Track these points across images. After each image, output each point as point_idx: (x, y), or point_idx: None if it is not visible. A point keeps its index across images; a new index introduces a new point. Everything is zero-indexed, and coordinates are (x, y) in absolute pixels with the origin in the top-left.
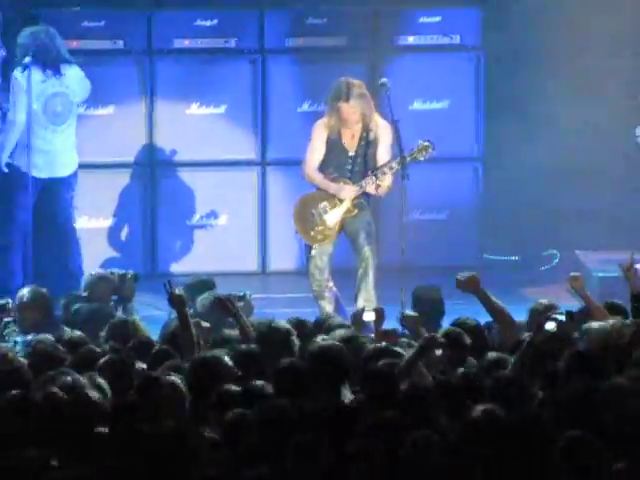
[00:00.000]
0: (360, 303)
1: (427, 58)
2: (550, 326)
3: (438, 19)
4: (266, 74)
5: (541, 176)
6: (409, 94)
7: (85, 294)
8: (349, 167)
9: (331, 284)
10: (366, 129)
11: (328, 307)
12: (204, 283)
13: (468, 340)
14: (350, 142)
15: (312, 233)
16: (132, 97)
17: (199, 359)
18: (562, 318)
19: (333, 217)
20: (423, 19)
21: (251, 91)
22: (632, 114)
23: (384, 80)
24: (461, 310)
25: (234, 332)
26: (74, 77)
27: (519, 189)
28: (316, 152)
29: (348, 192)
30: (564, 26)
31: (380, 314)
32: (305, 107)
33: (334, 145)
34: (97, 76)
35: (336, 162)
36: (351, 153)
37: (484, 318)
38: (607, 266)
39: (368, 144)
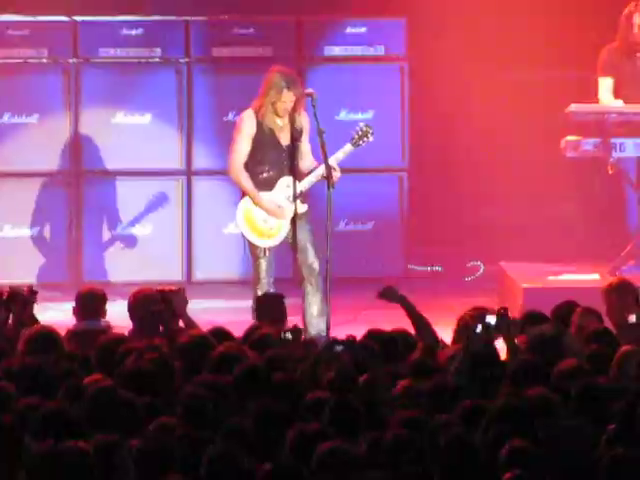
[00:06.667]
0: (315, 316)
1: (352, 68)
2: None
3: (363, 30)
4: (191, 83)
5: (466, 186)
6: (335, 104)
7: None
8: (285, 162)
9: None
10: (292, 119)
11: None
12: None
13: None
14: (282, 135)
15: (264, 226)
16: (57, 106)
17: None
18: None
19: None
20: (349, 29)
21: (176, 100)
22: (557, 126)
23: (310, 90)
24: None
25: None
26: None
27: (444, 199)
28: (243, 149)
29: (288, 214)
30: (490, 37)
31: (298, 333)
32: (230, 117)
33: (268, 139)
34: (21, 85)
35: (271, 158)
36: (285, 146)
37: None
38: (532, 277)
39: (295, 135)
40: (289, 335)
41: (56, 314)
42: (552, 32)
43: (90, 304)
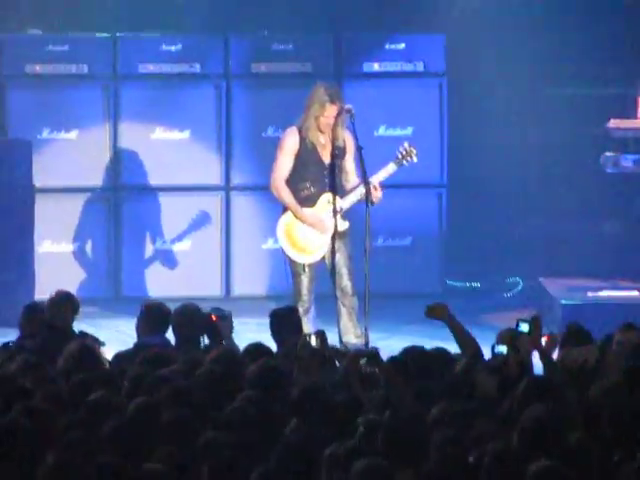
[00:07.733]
0: (351, 339)
1: (391, 84)
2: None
3: (402, 46)
4: (231, 99)
5: (504, 203)
6: (374, 120)
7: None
8: (327, 179)
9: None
10: (334, 138)
11: (306, 328)
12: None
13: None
14: (324, 152)
15: (306, 242)
16: (96, 121)
17: None
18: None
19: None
20: (388, 46)
21: (215, 116)
22: (596, 141)
23: (349, 106)
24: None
25: None
26: None
27: (482, 216)
28: (285, 165)
29: (329, 228)
30: (527, 54)
31: (322, 337)
32: (270, 132)
33: (310, 156)
34: (61, 101)
35: (313, 175)
36: (327, 163)
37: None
38: (571, 293)
39: (338, 154)
40: (314, 340)
41: (96, 330)
42: (587, 49)
43: (156, 319)
